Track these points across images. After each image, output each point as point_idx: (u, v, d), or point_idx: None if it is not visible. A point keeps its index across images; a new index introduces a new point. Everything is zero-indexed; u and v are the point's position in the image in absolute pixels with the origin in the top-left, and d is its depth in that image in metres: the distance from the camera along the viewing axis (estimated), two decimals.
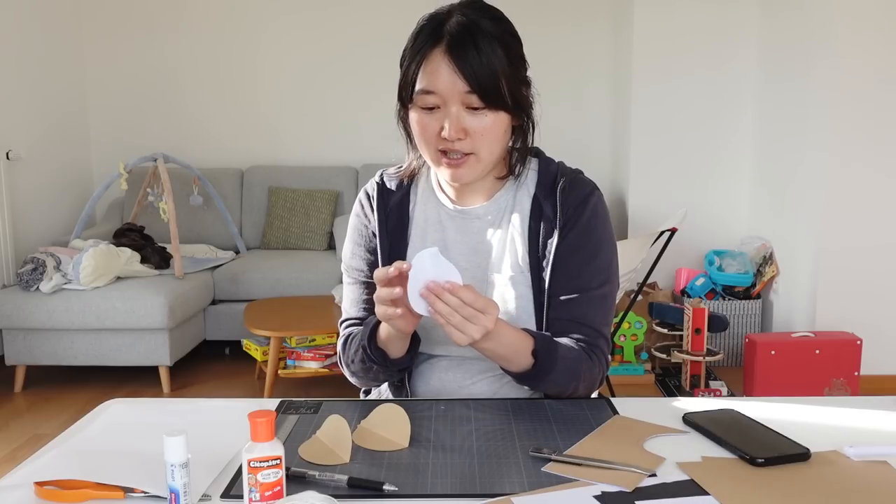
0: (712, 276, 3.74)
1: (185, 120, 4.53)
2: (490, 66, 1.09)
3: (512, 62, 1.12)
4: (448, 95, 1.10)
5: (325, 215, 4.24)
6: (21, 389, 3.37)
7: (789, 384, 3.03)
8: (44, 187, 4.08)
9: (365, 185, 1.32)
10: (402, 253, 1.26)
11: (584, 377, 1.17)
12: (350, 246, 1.32)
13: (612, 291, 1.23)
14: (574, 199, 1.21)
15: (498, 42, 1.10)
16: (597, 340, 1.20)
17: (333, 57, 4.49)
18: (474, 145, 1.13)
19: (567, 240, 1.20)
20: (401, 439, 0.99)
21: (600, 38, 4.42)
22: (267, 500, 0.80)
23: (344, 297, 1.34)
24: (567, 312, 1.19)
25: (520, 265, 1.22)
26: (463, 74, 1.09)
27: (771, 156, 3.76)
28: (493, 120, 1.12)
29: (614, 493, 0.86)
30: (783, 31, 3.61)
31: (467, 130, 1.12)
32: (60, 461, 0.95)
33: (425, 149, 1.17)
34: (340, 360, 1.30)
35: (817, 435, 1.01)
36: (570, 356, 1.15)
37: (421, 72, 1.11)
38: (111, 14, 4.45)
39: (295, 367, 3.18)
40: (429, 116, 1.13)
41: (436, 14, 1.14)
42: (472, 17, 1.11)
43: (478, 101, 1.10)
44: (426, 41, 1.11)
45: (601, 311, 1.21)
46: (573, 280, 1.19)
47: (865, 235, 3.24)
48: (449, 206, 1.26)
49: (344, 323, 1.32)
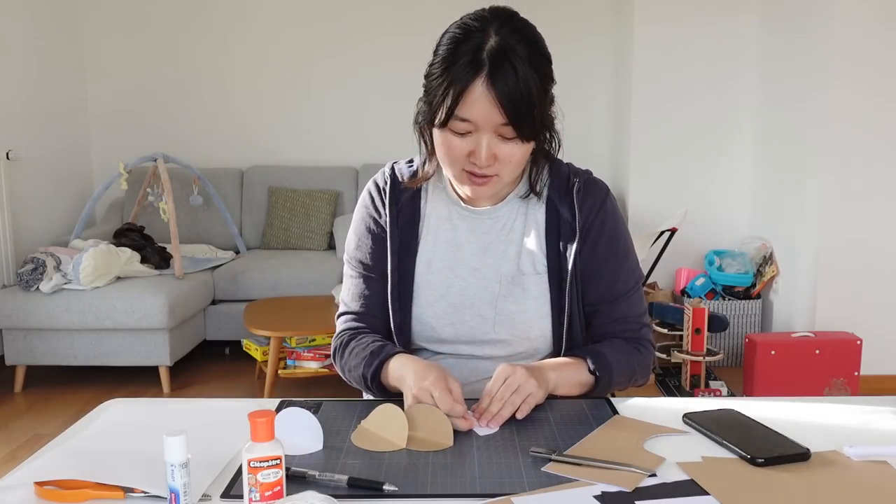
0: (712, 276, 3.74)
1: (185, 120, 4.53)
2: (528, 99, 1.08)
3: (545, 88, 1.12)
4: (483, 124, 1.10)
5: (325, 215, 4.24)
6: (21, 389, 3.37)
7: (789, 384, 3.03)
8: (44, 187, 4.08)
9: (374, 176, 1.31)
10: (413, 249, 1.26)
11: (638, 369, 1.25)
12: (354, 238, 1.30)
13: (641, 280, 1.31)
14: (592, 204, 1.24)
15: (534, 69, 1.08)
16: (641, 331, 1.27)
17: (334, 57, 4.49)
18: (500, 169, 1.14)
19: (597, 247, 1.23)
20: (398, 440, 0.99)
21: (601, 45, 4.43)
22: (267, 500, 0.80)
23: (343, 289, 1.33)
24: (610, 315, 1.25)
25: (534, 267, 1.23)
26: (502, 107, 1.07)
27: (771, 155, 3.76)
28: (522, 148, 1.13)
29: (614, 493, 0.86)
30: (783, 39, 3.61)
31: (497, 156, 1.12)
32: (60, 461, 0.95)
33: (449, 167, 1.16)
34: (335, 358, 1.30)
35: (817, 435, 1.01)
36: (622, 358, 1.21)
37: (461, 101, 1.09)
38: (111, 14, 4.45)
39: (295, 367, 3.18)
40: (459, 139, 1.12)
41: (469, 30, 1.10)
42: (510, 42, 1.08)
43: (511, 132, 1.10)
44: (466, 70, 1.07)
45: (639, 302, 1.28)
46: (612, 286, 1.25)
47: (866, 235, 3.24)
48: (461, 205, 1.26)
49: (342, 317, 1.32)
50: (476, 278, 1.24)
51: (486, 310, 1.23)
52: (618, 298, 1.25)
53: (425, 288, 1.25)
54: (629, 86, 4.02)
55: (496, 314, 1.23)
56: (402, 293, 1.25)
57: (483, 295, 1.23)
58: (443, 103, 1.10)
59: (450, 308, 1.24)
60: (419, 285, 1.25)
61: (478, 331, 1.23)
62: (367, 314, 1.29)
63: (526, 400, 1.07)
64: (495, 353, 1.24)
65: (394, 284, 1.25)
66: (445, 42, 1.11)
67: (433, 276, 1.25)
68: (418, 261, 1.26)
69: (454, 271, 1.25)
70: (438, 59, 1.11)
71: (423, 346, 1.28)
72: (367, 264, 1.28)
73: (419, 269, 1.25)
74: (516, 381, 1.08)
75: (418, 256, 1.26)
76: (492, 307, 1.23)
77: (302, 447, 0.98)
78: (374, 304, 1.28)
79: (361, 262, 1.29)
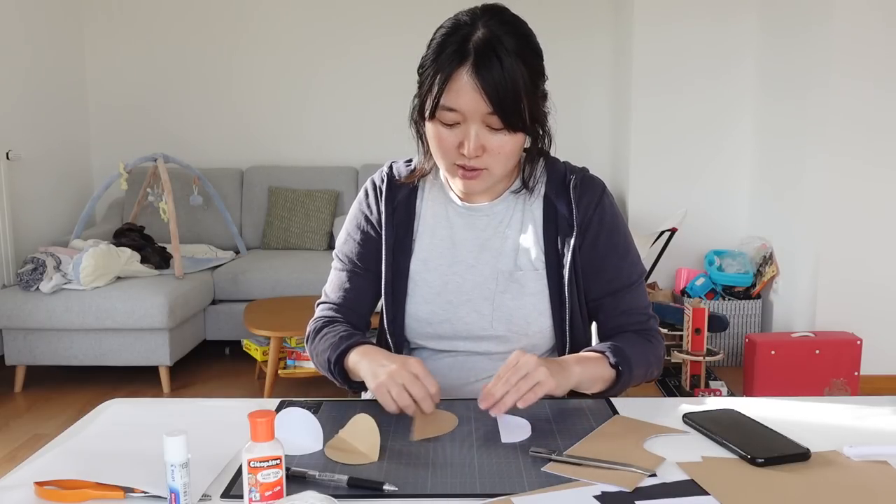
0: (712, 276, 3.74)
1: (185, 120, 4.53)
2: (513, 89, 1.08)
3: (534, 81, 1.12)
4: (470, 114, 1.10)
5: (325, 215, 4.24)
6: (21, 389, 3.37)
7: (789, 384, 3.03)
8: (44, 187, 4.08)
9: (373, 175, 1.32)
10: (408, 247, 1.26)
11: (654, 361, 1.25)
12: (345, 233, 1.32)
13: (644, 274, 1.30)
14: (589, 200, 1.24)
15: (522, 61, 1.09)
16: (648, 322, 1.27)
17: (334, 57, 4.49)
18: (489, 162, 1.14)
19: (598, 243, 1.24)
20: (371, 453, 0.96)
21: (601, 44, 4.43)
22: (267, 500, 0.80)
23: (328, 279, 1.34)
24: (616, 309, 1.26)
25: (532, 262, 1.23)
26: (487, 96, 1.08)
27: (771, 156, 3.76)
28: (511, 139, 1.13)
29: (614, 493, 0.86)
30: (783, 39, 3.61)
31: (485, 148, 1.13)
32: (60, 461, 0.95)
33: (441, 160, 1.18)
34: (307, 342, 1.30)
35: (817, 435, 1.01)
36: (638, 351, 1.21)
37: (445, 90, 1.10)
38: (111, 14, 4.45)
39: (295, 367, 3.19)
40: (448, 131, 1.13)
41: (459, 24, 1.12)
42: (497, 33, 1.09)
43: (498, 122, 1.10)
44: (451, 59, 1.09)
45: (643, 295, 1.29)
46: (615, 280, 1.25)
47: (866, 235, 3.24)
48: (458, 203, 1.27)
49: (321, 305, 1.33)
50: (473, 275, 1.25)
51: (483, 306, 1.23)
52: (621, 291, 1.25)
53: (421, 285, 1.25)
54: (629, 85, 4.02)
55: (493, 310, 1.23)
56: (397, 290, 1.26)
57: (480, 291, 1.24)
58: (430, 92, 1.12)
59: (446, 304, 1.24)
60: (415, 282, 1.26)
61: (475, 327, 1.24)
62: (345, 306, 1.30)
63: (533, 388, 1.02)
64: (493, 349, 1.25)
65: (387, 281, 1.26)
66: (437, 36, 1.14)
67: (430, 274, 1.25)
68: (414, 258, 1.26)
69: (451, 268, 1.25)
70: (429, 51, 1.14)
71: (420, 344, 1.28)
72: (353, 260, 1.29)
73: (415, 266, 1.26)
74: (525, 367, 1.03)
75: (414, 254, 1.27)
76: (489, 303, 1.23)
77: (302, 447, 0.98)
78: (352, 298, 1.30)
79: (347, 256, 1.30)
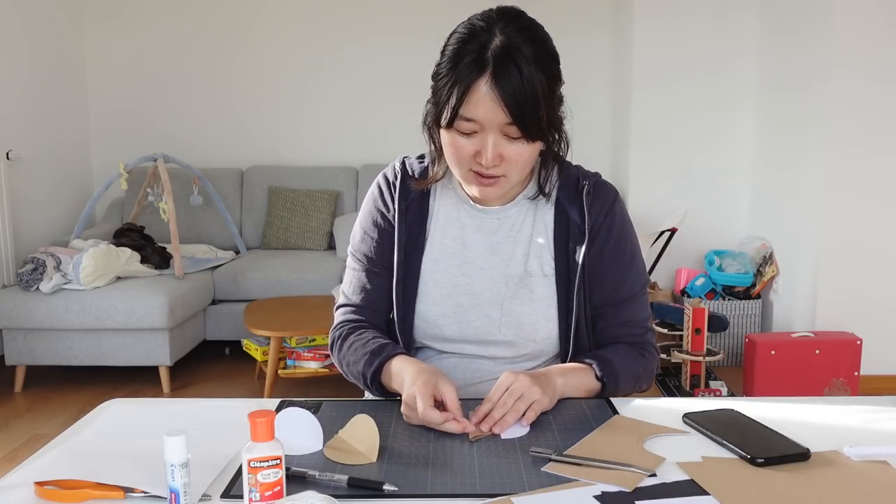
0: (712, 276, 3.74)
1: (184, 120, 4.53)
2: (532, 98, 1.07)
3: (551, 87, 1.11)
4: (488, 124, 1.09)
5: (325, 215, 4.24)
6: (21, 389, 3.37)
7: (789, 384, 3.03)
8: (44, 187, 4.08)
9: (384, 170, 1.31)
10: (421, 245, 1.25)
11: (643, 375, 1.25)
12: (360, 231, 1.30)
13: (647, 285, 1.30)
14: (601, 206, 1.23)
15: (540, 68, 1.08)
16: (645, 336, 1.27)
17: (333, 57, 4.49)
18: (507, 170, 1.14)
19: (605, 250, 1.23)
20: (370, 453, 0.96)
21: (601, 42, 4.43)
22: (267, 500, 0.80)
23: (345, 280, 1.32)
24: (615, 319, 1.25)
25: (542, 268, 1.23)
26: (506, 106, 1.06)
27: (771, 155, 3.76)
28: (529, 148, 1.12)
29: (614, 493, 0.86)
30: (783, 36, 3.61)
31: (503, 157, 1.12)
32: (60, 461, 0.95)
33: (457, 167, 1.16)
34: (332, 350, 1.29)
35: (817, 435, 1.01)
36: (627, 364, 1.21)
37: (465, 101, 1.08)
38: (111, 14, 4.45)
39: (295, 367, 3.18)
40: (465, 139, 1.12)
41: (475, 30, 1.09)
42: (515, 41, 1.07)
43: (516, 131, 1.09)
44: (470, 69, 1.07)
45: (644, 307, 1.28)
46: (618, 289, 1.24)
47: (866, 235, 3.24)
48: (469, 204, 1.26)
49: (340, 308, 1.31)
50: (482, 278, 1.24)
51: (492, 310, 1.23)
52: (623, 302, 1.25)
53: (431, 285, 1.24)
54: (629, 85, 4.02)
55: (502, 315, 1.22)
56: (407, 289, 1.25)
57: (489, 295, 1.23)
58: (448, 103, 1.10)
59: (456, 307, 1.23)
60: (425, 282, 1.25)
61: (483, 331, 1.23)
62: (367, 308, 1.28)
63: (531, 406, 1.05)
64: (500, 353, 1.24)
65: (399, 280, 1.25)
66: (452, 42, 1.12)
67: (440, 274, 1.25)
68: (425, 258, 1.25)
69: (461, 269, 1.24)
70: (444, 59, 1.12)
71: (426, 343, 1.27)
72: (372, 258, 1.28)
73: (426, 265, 1.25)
74: (519, 389, 1.05)
75: (425, 253, 1.26)
76: (498, 308, 1.23)
77: (302, 447, 0.97)
78: (374, 298, 1.28)
79: (366, 255, 1.28)
